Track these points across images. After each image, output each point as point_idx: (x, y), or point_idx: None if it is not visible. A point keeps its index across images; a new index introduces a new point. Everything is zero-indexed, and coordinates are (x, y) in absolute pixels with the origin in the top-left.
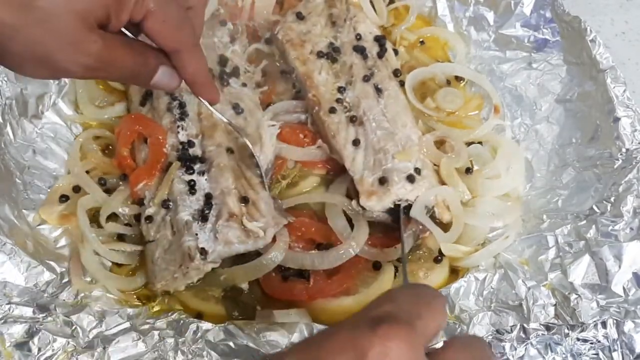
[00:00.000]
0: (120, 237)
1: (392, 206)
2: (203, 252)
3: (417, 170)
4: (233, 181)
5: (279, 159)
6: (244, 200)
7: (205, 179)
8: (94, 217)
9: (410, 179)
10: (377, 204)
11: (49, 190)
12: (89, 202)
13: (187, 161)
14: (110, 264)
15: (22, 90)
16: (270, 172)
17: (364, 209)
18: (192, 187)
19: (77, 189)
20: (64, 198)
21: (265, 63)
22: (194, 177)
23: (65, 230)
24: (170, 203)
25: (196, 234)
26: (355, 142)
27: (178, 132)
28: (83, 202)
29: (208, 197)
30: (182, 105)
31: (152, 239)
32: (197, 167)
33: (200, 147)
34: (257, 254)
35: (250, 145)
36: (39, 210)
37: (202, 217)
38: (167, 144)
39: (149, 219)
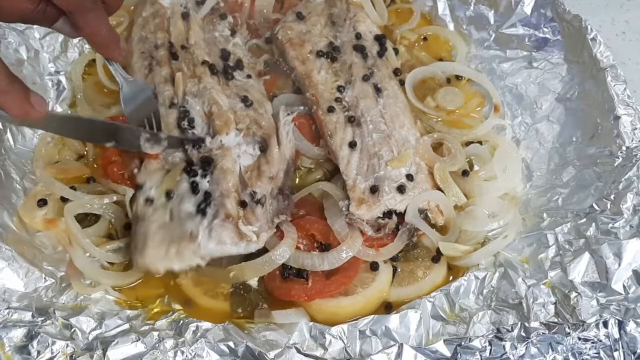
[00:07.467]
0: (109, 237)
1: (381, 215)
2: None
3: (410, 177)
4: (234, 184)
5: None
6: (242, 204)
7: (207, 181)
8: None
9: (401, 189)
10: (366, 213)
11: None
12: (75, 208)
13: (191, 165)
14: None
15: None
16: (292, 170)
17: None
18: (194, 188)
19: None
20: (41, 202)
21: (267, 56)
22: (197, 179)
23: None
24: (174, 194)
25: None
26: (352, 145)
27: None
28: (70, 209)
29: (207, 195)
30: (186, 114)
31: (147, 219)
32: (200, 171)
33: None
34: (265, 250)
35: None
36: (19, 211)
37: (200, 211)
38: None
39: (150, 201)
